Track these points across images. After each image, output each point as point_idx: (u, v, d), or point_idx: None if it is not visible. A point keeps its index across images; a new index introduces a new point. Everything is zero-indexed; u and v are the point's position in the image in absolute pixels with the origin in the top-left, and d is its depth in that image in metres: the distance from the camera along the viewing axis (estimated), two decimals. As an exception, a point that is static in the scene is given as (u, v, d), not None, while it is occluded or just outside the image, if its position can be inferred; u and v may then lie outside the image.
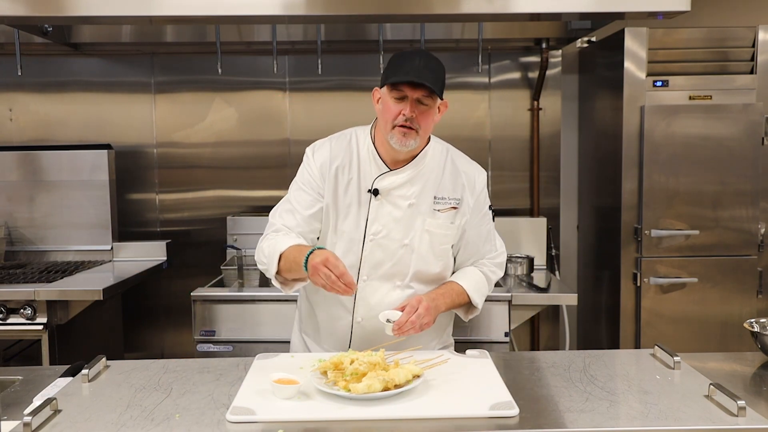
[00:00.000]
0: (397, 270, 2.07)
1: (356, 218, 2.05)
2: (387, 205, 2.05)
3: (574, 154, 4.15)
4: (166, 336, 4.11)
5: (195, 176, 4.02)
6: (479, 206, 2.15)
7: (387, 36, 3.70)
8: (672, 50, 3.45)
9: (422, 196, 2.07)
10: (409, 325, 1.93)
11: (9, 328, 3.06)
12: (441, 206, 2.08)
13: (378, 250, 2.05)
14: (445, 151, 2.15)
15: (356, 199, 2.06)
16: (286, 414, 1.57)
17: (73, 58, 3.95)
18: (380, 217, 2.05)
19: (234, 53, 3.89)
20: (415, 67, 1.91)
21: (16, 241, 3.82)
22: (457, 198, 2.10)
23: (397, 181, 2.05)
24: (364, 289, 2.06)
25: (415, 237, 2.06)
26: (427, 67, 1.93)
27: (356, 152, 2.09)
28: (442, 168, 2.11)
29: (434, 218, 2.07)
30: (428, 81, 1.90)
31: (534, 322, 3.99)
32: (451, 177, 2.11)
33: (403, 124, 1.95)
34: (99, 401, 1.68)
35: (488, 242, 2.21)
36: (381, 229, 2.05)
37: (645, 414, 1.57)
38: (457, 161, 2.15)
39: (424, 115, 1.96)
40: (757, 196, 3.43)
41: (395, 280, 2.08)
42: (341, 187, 2.06)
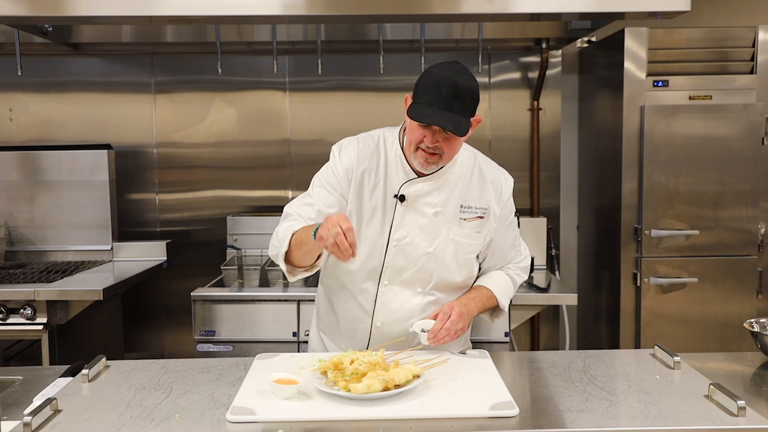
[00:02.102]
0: (419, 277, 2.04)
1: (381, 223, 2.02)
2: (412, 211, 2.02)
3: (574, 154, 4.15)
4: (166, 336, 4.11)
5: (195, 176, 4.02)
6: (506, 214, 2.12)
7: (387, 36, 3.70)
8: (672, 50, 3.45)
9: (448, 204, 2.03)
10: (444, 333, 1.91)
11: (9, 328, 3.06)
12: (467, 215, 2.05)
13: (401, 255, 2.02)
14: (473, 158, 2.11)
15: (381, 204, 2.02)
16: (286, 414, 1.56)
17: (73, 58, 3.95)
18: (405, 223, 2.02)
19: (234, 53, 3.89)
20: (442, 98, 1.83)
21: (16, 241, 3.82)
22: (484, 207, 2.06)
23: (425, 189, 2.01)
24: (385, 294, 2.04)
25: (440, 245, 2.03)
26: (456, 95, 1.83)
27: (384, 156, 2.04)
28: (469, 176, 2.07)
29: (460, 227, 2.04)
30: (451, 121, 1.83)
31: (534, 322, 3.99)
32: (479, 185, 2.07)
33: (425, 150, 1.91)
34: (99, 401, 1.68)
35: (514, 248, 2.20)
36: (405, 235, 2.02)
37: (645, 414, 1.57)
38: (484, 169, 2.10)
39: (448, 142, 1.90)
40: (757, 196, 3.43)
41: (416, 287, 2.05)
42: (367, 190, 2.03)
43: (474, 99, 1.89)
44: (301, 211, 2.06)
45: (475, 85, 1.89)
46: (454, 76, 1.85)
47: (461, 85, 1.85)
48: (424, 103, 1.86)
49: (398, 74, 3.92)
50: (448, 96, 1.83)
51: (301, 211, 2.06)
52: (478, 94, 1.90)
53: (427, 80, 1.88)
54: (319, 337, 2.26)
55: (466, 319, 1.99)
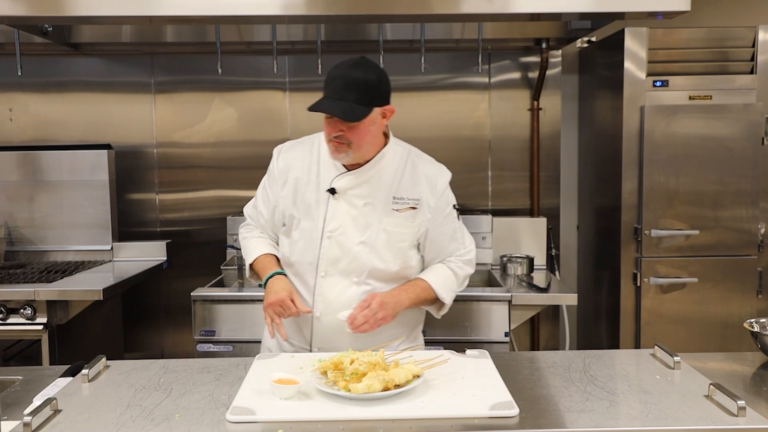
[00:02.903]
0: (353, 267, 2.13)
1: (315, 217, 2.15)
2: (344, 204, 2.14)
3: (574, 154, 4.15)
4: (166, 336, 4.11)
5: (195, 176, 4.02)
6: (441, 206, 2.20)
7: (387, 36, 3.70)
8: (672, 50, 3.45)
9: (379, 196, 2.14)
10: (361, 319, 2.01)
11: (9, 328, 3.06)
12: (399, 206, 2.14)
13: (335, 247, 2.13)
14: (406, 153, 2.22)
15: (315, 199, 2.15)
16: (286, 414, 1.57)
17: (73, 58, 3.95)
18: (337, 215, 2.13)
19: (234, 53, 3.89)
20: (336, 89, 2.00)
21: (16, 241, 3.82)
22: (417, 198, 2.16)
23: (353, 182, 2.13)
24: (322, 285, 2.15)
25: (372, 235, 2.13)
26: (348, 85, 1.99)
27: (317, 155, 2.19)
28: (401, 169, 2.17)
29: (392, 217, 2.14)
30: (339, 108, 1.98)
31: (534, 322, 3.99)
32: (411, 178, 2.17)
33: (333, 140, 2.05)
34: (99, 401, 1.68)
35: (454, 241, 2.25)
36: (338, 226, 2.13)
37: (645, 414, 1.57)
38: (418, 163, 2.21)
39: (353, 130, 2.03)
40: (757, 196, 3.43)
41: (352, 277, 2.14)
42: (302, 188, 2.17)
43: (369, 88, 2.02)
44: (252, 213, 2.35)
45: (373, 76, 2.03)
46: (348, 69, 2.03)
47: (354, 77, 2.00)
48: (323, 97, 2.03)
49: (398, 74, 3.91)
50: (341, 86, 2.00)
51: (252, 214, 2.35)
52: (376, 84, 2.03)
53: (328, 76, 2.05)
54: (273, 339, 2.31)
55: (390, 309, 2.07)
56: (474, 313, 3.08)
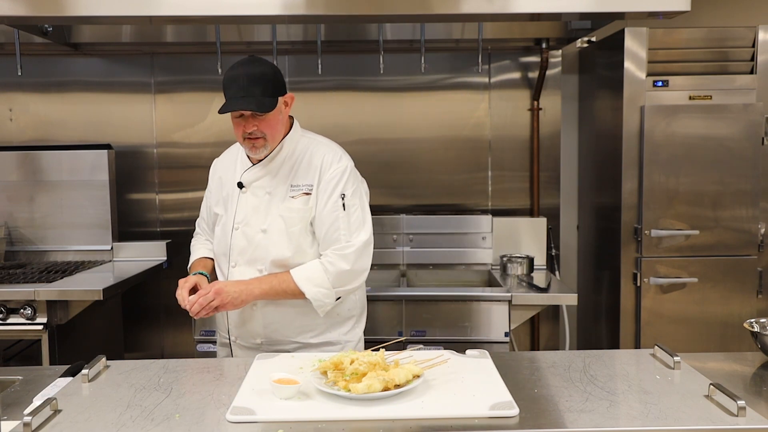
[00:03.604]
0: (257, 256, 2.25)
1: (230, 210, 2.31)
2: (249, 195, 2.28)
3: (574, 154, 4.15)
4: (166, 336, 4.11)
5: (195, 176, 4.01)
6: (325, 192, 2.24)
7: (387, 36, 3.70)
8: (672, 50, 3.45)
9: (279, 185, 2.25)
10: (197, 307, 2.12)
11: (9, 328, 3.06)
12: (295, 192, 2.24)
13: (242, 237, 2.27)
14: (308, 143, 2.32)
15: (231, 194, 2.32)
16: (286, 414, 1.57)
17: (73, 58, 3.94)
18: (242, 207, 2.28)
19: (234, 53, 3.88)
20: (241, 88, 2.10)
21: (16, 241, 3.82)
22: (310, 184, 2.25)
23: (257, 174, 2.27)
24: (233, 275, 2.28)
25: (272, 223, 2.24)
26: (252, 81, 2.11)
27: (236, 156, 2.37)
28: (300, 159, 2.27)
29: (287, 203, 2.24)
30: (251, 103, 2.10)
31: (534, 322, 3.99)
32: (307, 165, 2.27)
33: (249, 137, 2.17)
34: (99, 401, 1.68)
35: (336, 230, 2.22)
36: (243, 217, 2.27)
37: (645, 414, 1.57)
38: (315, 152, 2.29)
39: (264, 123, 2.16)
40: (757, 196, 3.43)
41: (258, 266, 2.25)
42: (225, 186, 2.35)
43: (271, 79, 2.15)
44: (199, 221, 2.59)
45: (269, 69, 2.17)
46: (245, 68, 2.14)
47: (254, 73, 2.13)
48: (228, 98, 2.14)
49: (398, 74, 3.92)
50: (245, 84, 2.11)
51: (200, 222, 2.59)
52: (273, 75, 2.17)
53: (226, 79, 2.16)
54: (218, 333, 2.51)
55: (229, 297, 2.14)
56: (474, 313, 3.08)
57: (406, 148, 3.93)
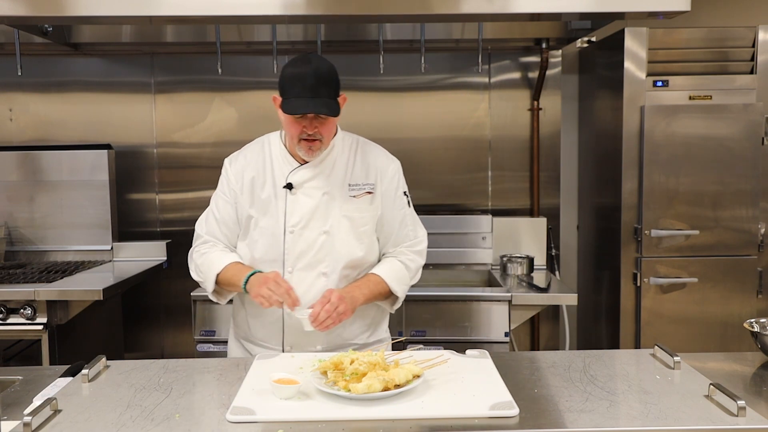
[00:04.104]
0: (319, 258, 2.14)
1: (275, 214, 2.15)
2: (302, 197, 2.15)
3: (574, 154, 4.15)
4: (166, 336, 4.11)
5: (195, 176, 4.01)
6: (391, 191, 2.22)
7: (387, 36, 3.70)
8: (672, 50, 3.45)
9: (335, 185, 2.16)
10: (324, 315, 1.98)
11: (9, 328, 3.06)
12: (356, 192, 2.17)
13: (299, 240, 2.14)
14: (356, 142, 2.26)
15: (273, 196, 2.16)
16: (286, 414, 1.56)
17: (73, 58, 3.94)
18: (297, 209, 2.14)
19: (234, 53, 3.89)
20: (308, 88, 2.00)
21: (16, 241, 3.82)
22: (372, 183, 2.19)
23: (308, 174, 2.15)
24: (290, 281, 2.11)
25: (334, 224, 2.15)
26: (319, 82, 2.01)
27: (269, 154, 2.22)
28: (353, 158, 2.21)
29: (351, 203, 2.16)
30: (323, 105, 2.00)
31: (534, 322, 3.99)
32: (363, 165, 2.21)
33: (307, 139, 2.07)
34: (99, 401, 1.68)
35: (404, 227, 2.25)
36: (299, 220, 2.14)
37: (645, 414, 1.57)
38: (367, 151, 2.24)
39: (325, 125, 2.07)
40: (757, 196, 3.43)
41: (320, 268, 2.14)
42: (257, 189, 2.18)
43: (336, 80, 2.08)
44: (208, 228, 2.24)
45: (334, 69, 2.08)
46: (312, 66, 2.03)
47: (322, 73, 2.03)
48: (293, 97, 2.03)
49: (398, 74, 3.92)
50: (313, 84, 2.01)
51: (209, 229, 2.24)
52: (336, 75, 2.09)
53: (289, 76, 2.06)
54: (239, 344, 2.31)
55: (348, 303, 2.05)
56: (474, 313, 3.08)
57: (406, 148, 3.92)
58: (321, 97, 2.02)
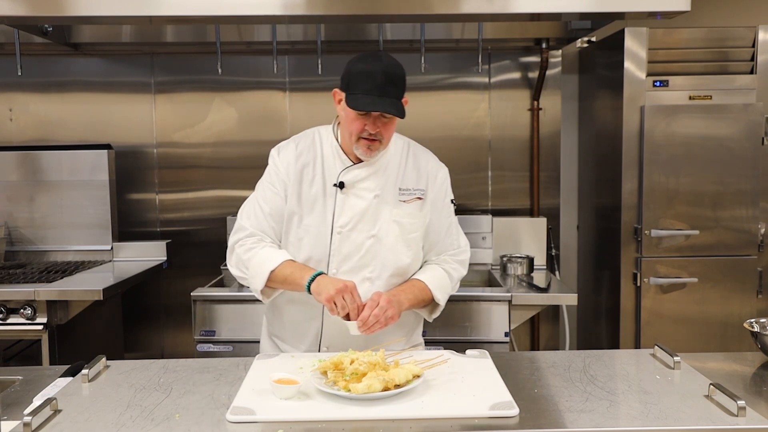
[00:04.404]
0: (365, 261, 2.09)
1: (322, 212, 2.08)
2: (352, 197, 2.08)
3: (574, 154, 4.15)
4: (166, 336, 4.11)
5: (195, 176, 4.02)
6: (439, 198, 2.20)
7: (387, 36, 3.70)
8: (672, 50, 3.45)
9: (386, 187, 2.11)
10: (373, 319, 1.93)
11: (9, 328, 3.06)
12: (407, 197, 2.13)
13: (346, 242, 2.08)
14: (407, 145, 2.20)
15: (321, 194, 2.09)
16: (286, 414, 1.56)
17: (73, 58, 3.94)
18: (346, 209, 2.08)
19: (234, 53, 3.89)
20: (377, 86, 1.92)
21: (16, 241, 3.82)
22: (422, 189, 2.15)
23: (362, 174, 2.09)
24: None
25: (383, 228, 2.09)
26: (389, 81, 1.94)
27: (320, 149, 2.13)
28: (405, 161, 2.16)
29: (401, 208, 2.11)
30: (391, 105, 1.93)
31: (534, 322, 3.99)
32: (414, 170, 2.16)
33: (367, 138, 2.00)
34: (99, 401, 1.68)
35: (449, 236, 2.23)
36: (348, 221, 2.08)
37: (645, 414, 1.57)
38: (418, 155, 2.20)
39: (387, 126, 2.00)
40: (757, 196, 3.43)
41: (365, 272, 2.09)
42: (306, 183, 2.10)
43: (403, 83, 2.00)
44: (254, 220, 2.12)
45: (403, 70, 2.00)
46: (383, 64, 1.96)
47: (392, 72, 1.96)
48: (360, 93, 1.94)
49: (398, 74, 3.92)
50: (383, 83, 1.93)
51: (256, 221, 2.11)
52: (405, 78, 2.00)
53: (359, 71, 1.97)
54: (272, 342, 2.26)
55: (396, 307, 2.00)
56: (474, 313, 3.08)
57: (406, 148, 3.93)
58: (389, 96, 1.94)
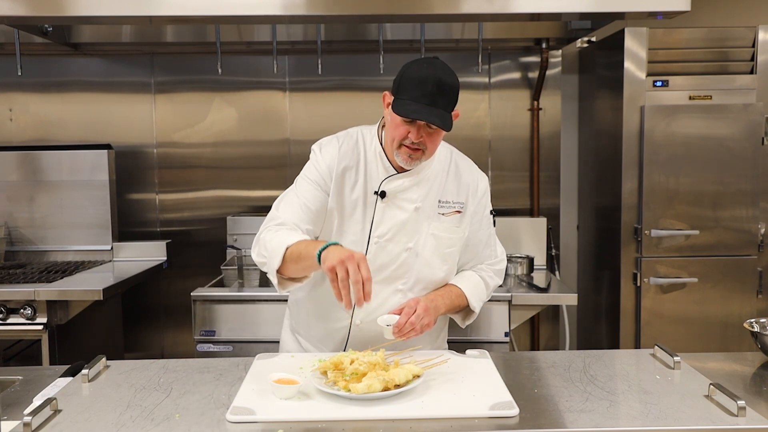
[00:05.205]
0: (399, 273, 2.04)
1: (361, 220, 2.02)
2: (393, 207, 2.02)
3: (574, 154, 4.15)
4: (166, 336, 4.11)
5: (195, 176, 4.02)
6: (480, 210, 2.14)
7: (387, 36, 3.70)
8: (672, 50, 3.45)
9: (428, 199, 2.04)
10: (409, 326, 1.90)
11: (9, 328, 3.06)
12: (446, 210, 2.06)
13: (382, 252, 2.02)
14: (449, 154, 2.13)
15: (362, 201, 2.02)
16: (286, 414, 1.56)
17: (73, 58, 3.95)
18: (386, 219, 2.02)
19: (234, 53, 3.89)
20: (427, 94, 1.84)
21: (16, 241, 3.82)
22: (462, 202, 2.09)
23: (405, 185, 2.02)
24: None
25: (420, 240, 2.03)
26: (440, 91, 1.86)
27: (363, 153, 2.05)
28: (446, 172, 2.09)
29: (439, 222, 2.05)
30: (437, 116, 1.85)
31: (534, 322, 3.99)
32: (455, 181, 2.09)
33: (409, 146, 1.93)
34: (99, 401, 1.68)
35: (488, 247, 2.19)
36: (386, 231, 2.02)
37: (645, 414, 1.57)
38: (461, 165, 2.13)
39: (432, 137, 1.93)
40: (757, 196, 3.43)
41: (397, 284, 2.05)
42: (347, 187, 2.02)
43: (456, 94, 1.91)
44: (289, 211, 2.02)
45: (457, 81, 1.91)
46: (437, 72, 1.87)
47: (445, 81, 1.87)
48: (409, 100, 1.87)
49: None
50: (433, 92, 1.85)
51: (290, 213, 2.01)
52: (458, 90, 1.92)
53: (410, 77, 1.90)
54: (294, 338, 2.23)
55: (432, 314, 1.98)
56: (474, 313, 3.08)
57: (406, 148, 3.93)
58: (438, 106, 1.86)
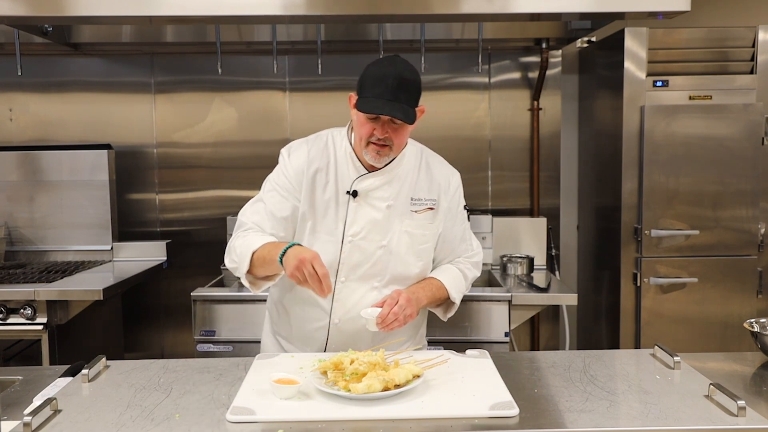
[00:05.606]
0: (375, 271, 2.08)
1: (334, 219, 2.06)
2: (365, 206, 2.06)
3: (574, 154, 4.15)
4: (166, 336, 4.11)
5: (195, 176, 4.02)
6: (453, 207, 2.17)
7: (387, 36, 3.70)
8: (672, 50, 3.45)
9: (399, 197, 2.08)
10: (392, 317, 1.94)
11: (9, 328, 3.06)
12: (418, 207, 2.10)
13: (356, 251, 2.06)
14: (420, 152, 2.17)
15: (334, 201, 2.06)
16: (286, 414, 1.56)
17: (73, 58, 3.95)
18: (359, 218, 2.06)
19: (234, 53, 3.89)
20: (389, 90, 1.89)
21: (16, 241, 3.82)
22: (434, 199, 2.12)
23: (376, 183, 2.06)
24: (342, 291, 2.06)
25: (393, 238, 2.07)
26: (401, 86, 1.90)
27: (333, 154, 2.09)
28: (417, 170, 2.13)
29: (412, 219, 2.09)
30: (399, 110, 1.89)
31: (534, 322, 3.99)
32: (427, 179, 2.13)
33: (376, 142, 1.97)
34: (99, 401, 1.68)
35: (464, 242, 2.23)
36: (360, 230, 2.06)
37: (645, 414, 1.57)
38: (431, 163, 2.17)
39: (397, 132, 1.96)
40: (757, 196, 3.43)
41: (373, 282, 2.08)
42: (319, 188, 2.06)
43: (418, 89, 1.97)
44: (255, 218, 2.09)
45: (418, 77, 1.97)
46: (397, 69, 1.93)
47: (406, 77, 1.92)
48: (372, 97, 1.91)
49: (398, 74, 3.92)
50: (394, 87, 1.89)
51: (256, 219, 2.08)
52: (420, 84, 1.97)
53: (371, 75, 1.94)
54: (275, 340, 2.25)
55: (414, 305, 2.01)
56: (474, 313, 3.08)
57: (406, 148, 3.93)
58: (400, 101, 1.90)
